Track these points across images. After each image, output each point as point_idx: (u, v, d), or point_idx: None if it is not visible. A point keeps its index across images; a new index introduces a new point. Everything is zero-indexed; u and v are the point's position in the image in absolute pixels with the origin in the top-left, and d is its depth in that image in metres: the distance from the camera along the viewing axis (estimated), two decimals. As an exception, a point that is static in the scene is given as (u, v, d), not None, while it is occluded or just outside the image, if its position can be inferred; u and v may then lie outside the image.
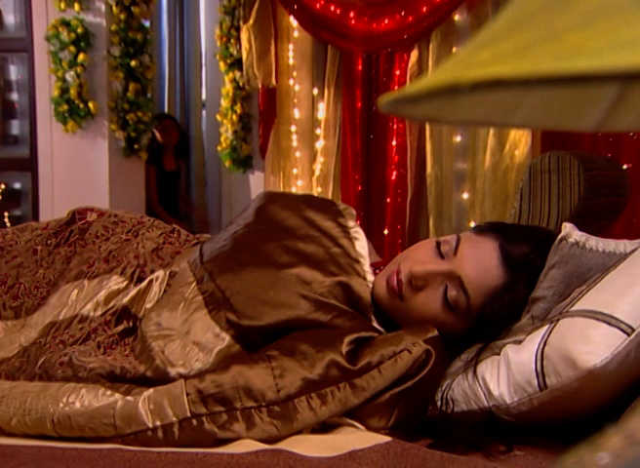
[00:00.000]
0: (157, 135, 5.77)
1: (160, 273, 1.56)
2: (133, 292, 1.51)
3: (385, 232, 4.95)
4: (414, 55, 4.89)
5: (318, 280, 1.40)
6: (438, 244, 1.41)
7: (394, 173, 4.95)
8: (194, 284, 1.44)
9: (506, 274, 1.35)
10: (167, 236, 1.73)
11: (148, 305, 1.51)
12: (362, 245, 1.52)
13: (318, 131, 5.17)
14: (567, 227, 1.36)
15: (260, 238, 1.49)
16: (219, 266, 1.45)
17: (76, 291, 1.57)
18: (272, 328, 1.33)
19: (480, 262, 1.36)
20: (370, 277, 1.47)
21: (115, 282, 1.57)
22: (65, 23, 4.52)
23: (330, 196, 5.09)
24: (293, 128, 5.20)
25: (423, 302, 1.38)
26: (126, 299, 1.49)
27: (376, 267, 1.55)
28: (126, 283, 1.57)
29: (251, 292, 1.38)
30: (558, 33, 0.43)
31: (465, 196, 4.77)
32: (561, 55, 0.42)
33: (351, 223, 1.56)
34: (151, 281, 1.55)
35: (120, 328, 1.45)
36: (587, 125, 0.63)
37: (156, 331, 1.39)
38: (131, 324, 1.46)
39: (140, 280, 1.58)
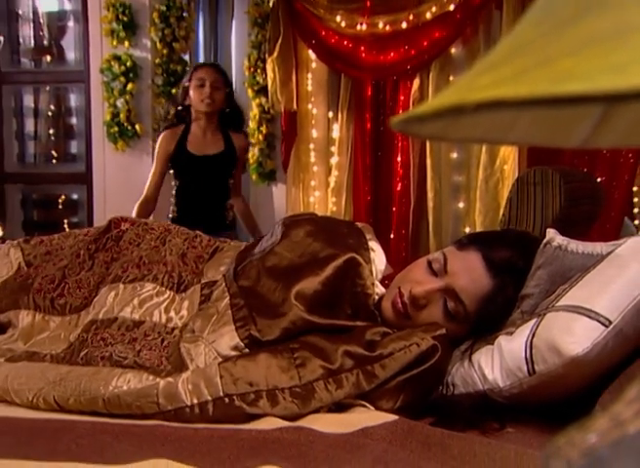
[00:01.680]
0: (190, 93, 3.47)
1: (196, 287, 1.57)
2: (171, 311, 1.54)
3: (392, 236, 4.94)
4: (416, 82, 4.88)
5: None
6: (429, 263, 1.40)
7: (399, 184, 4.94)
8: (227, 299, 1.44)
9: (494, 280, 1.35)
10: (191, 241, 1.73)
11: (183, 312, 1.52)
12: (378, 256, 1.50)
13: (333, 148, 5.16)
14: (551, 233, 1.36)
15: (284, 260, 1.47)
16: (248, 287, 1.45)
17: (113, 293, 1.57)
18: (284, 335, 1.34)
19: (469, 274, 1.36)
20: (378, 288, 1.45)
21: (148, 289, 1.57)
22: (117, 58, 4.53)
23: (343, 204, 5.08)
24: (311, 146, 5.19)
25: (428, 318, 1.38)
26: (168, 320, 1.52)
27: (387, 280, 1.54)
28: (158, 288, 1.58)
29: (272, 311, 1.38)
30: (552, 58, 0.42)
31: (461, 205, 4.75)
32: (555, 78, 0.41)
33: (368, 236, 1.55)
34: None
35: (159, 339, 1.46)
36: (574, 142, 0.61)
37: (189, 337, 1.41)
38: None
39: (170, 283, 1.60)
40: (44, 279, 1.66)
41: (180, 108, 3.67)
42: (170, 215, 3.67)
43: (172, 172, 3.69)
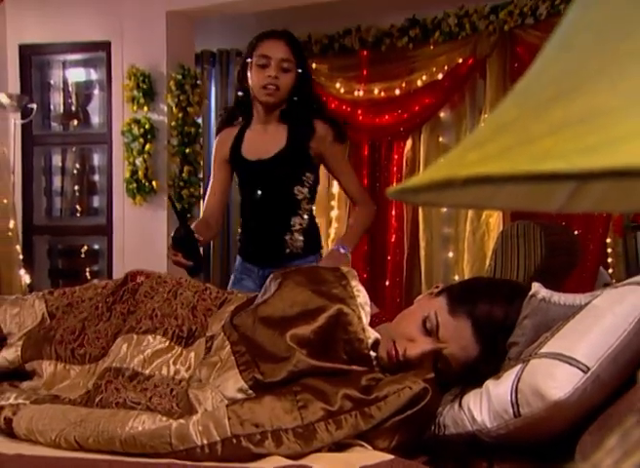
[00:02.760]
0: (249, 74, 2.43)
1: (202, 340, 1.55)
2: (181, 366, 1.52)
3: (387, 283, 4.94)
4: (408, 143, 4.93)
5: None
6: (424, 321, 1.39)
7: (393, 236, 4.95)
8: (228, 347, 1.43)
9: (481, 347, 1.34)
10: (200, 294, 1.71)
11: (190, 364, 1.51)
12: (363, 300, 1.48)
13: (333, 202, 5.19)
14: (535, 286, 1.36)
15: (277, 311, 1.46)
16: (246, 334, 1.44)
17: (126, 344, 1.55)
18: (287, 378, 1.33)
19: (459, 342, 1.35)
20: (369, 333, 1.42)
21: (159, 341, 1.55)
22: (136, 121, 4.58)
23: (342, 254, 5.09)
24: (313, 200, 5.23)
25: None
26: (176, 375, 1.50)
27: (375, 318, 1.53)
28: (168, 343, 1.56)
29: (272, 356, 1.37)
30: (532, 138, 0.43)
31: (451, 255, 4.76)
32: (535, 157, 0.41)
33: (353, 283, 1.52)
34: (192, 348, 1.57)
35: (168, 389, 1.44)
36: (553, 207, 0.62)
37: (197, 384, 1.40)
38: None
39: (179, 338, 1.57)
40: (65, 330, 1.65)
41: (240, 94, 2.52)
42: (238, 238, 2.67)
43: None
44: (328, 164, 2.48)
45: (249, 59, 2.37)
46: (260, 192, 2.44)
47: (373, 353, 1.40)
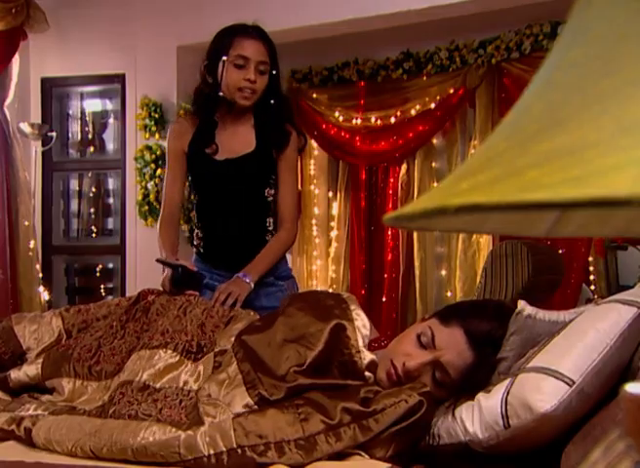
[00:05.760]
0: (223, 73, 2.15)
1: (210, 355, 1.55)
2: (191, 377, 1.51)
3: (383, 299, 4.92)
4: (403, 167, 4.93)
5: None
6: (418, 336, 1.39)
7: (390, 255, 4.94)
8: (235, 364, 1.43)
9: (476, 352, 1.34)
10: (209, 311, 1.71)
11: (198, 376, 1.50)
12: (362, 323, 1.47)
13: (332, 223, 5.18)
14: (521, 303, 1.35)
15: (279, 333, 1.46)
16: (253, 354, 1.44)
17: (139, 359, 1.55)
18: (288, 395, 1.33)
19: (454, 348, 1.35)
20: (365, 355, 1.41)
21: (170, 355, 1.55)
22: (148, 148, 4.59)
23: (341, 272, 5.09)
24: (313, 221, 5.21)
25: None
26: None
27: (374, 343, 1.52)
28: (178, 357, 1.55)
29: (274, 375, 1.37)
30: (520, 170, 0.43)
31: (443, 273, 4.75)
32: (522, 187, 0.41)
33: (353, 307, 1.51)
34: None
35: (177, 400, 1.43)
36: (539, 232, 0.62)
37: (206, 399, 1.39)
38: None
39: (189, 352, 1.57)
40: (82, 349, 1.65)
41: (205, 88, 2.24)
42: (194, 242, 2.38)
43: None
44: (278, 168, 2.23)
45: (224, 57, 2.15)
46: (231, 194, 2.21)
47: (368, 373, 1.39)
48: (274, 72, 2.18)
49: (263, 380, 1.36)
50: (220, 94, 2.17)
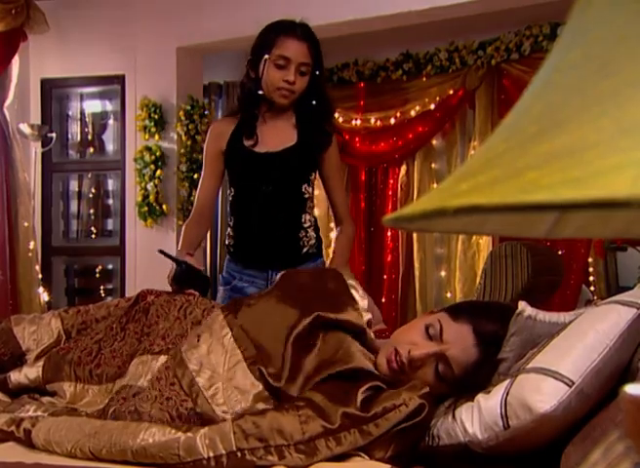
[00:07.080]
0: (264, 71, 2.16)
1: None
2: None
3: (383, 300, 4.93)
4: (403, 168, 4.94)
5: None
6: (427, 327, 1.39)
7: (389, 256, 4.95)
8: (230, 335, 1.44)
9: (481, 350, 1.33)
10: (209, 311, 1.70)
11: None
12: (364, 303, 1.51)
13: (332, 224, 5.19)
14: (522, 304, 1.35)
15: (282, 305, 1.48)
16: (250, 326, 1.45)
17: (141, 364, 1.55)
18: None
19: (461, 344, 1.34)
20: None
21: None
22: (148, 149, 4.59)
23: (341, 273, 5.08)
24: (314, 222, 5.23)
25: (421, 376, 1.36)
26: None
27: (381, 333, 1.53)
28: None
29: (275, 350, 1.39)
30: (519, 171, 0.42)
31: (443, 274, 4.76)
32: (522, 189, 0.41)
33: (356, 287, 1.57)
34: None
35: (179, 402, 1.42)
36: (539, 234, 0.62)
37: (197, 366, 1.40)
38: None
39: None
40: (82, 352, 1.64)
41: (248, 85, 2.23)
42: (226, 241, 2.35)
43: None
44: (324, 168, 2.28)
45: (266, 56, 2.12)
46: (270, 187, 2.19)
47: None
48: (317, 73, 2.18)
49: (262, 355, 1.38)
50: (260, 92, 2.18)
